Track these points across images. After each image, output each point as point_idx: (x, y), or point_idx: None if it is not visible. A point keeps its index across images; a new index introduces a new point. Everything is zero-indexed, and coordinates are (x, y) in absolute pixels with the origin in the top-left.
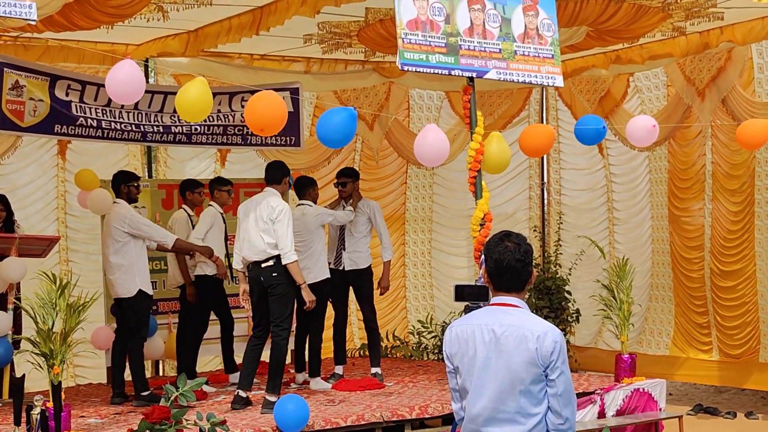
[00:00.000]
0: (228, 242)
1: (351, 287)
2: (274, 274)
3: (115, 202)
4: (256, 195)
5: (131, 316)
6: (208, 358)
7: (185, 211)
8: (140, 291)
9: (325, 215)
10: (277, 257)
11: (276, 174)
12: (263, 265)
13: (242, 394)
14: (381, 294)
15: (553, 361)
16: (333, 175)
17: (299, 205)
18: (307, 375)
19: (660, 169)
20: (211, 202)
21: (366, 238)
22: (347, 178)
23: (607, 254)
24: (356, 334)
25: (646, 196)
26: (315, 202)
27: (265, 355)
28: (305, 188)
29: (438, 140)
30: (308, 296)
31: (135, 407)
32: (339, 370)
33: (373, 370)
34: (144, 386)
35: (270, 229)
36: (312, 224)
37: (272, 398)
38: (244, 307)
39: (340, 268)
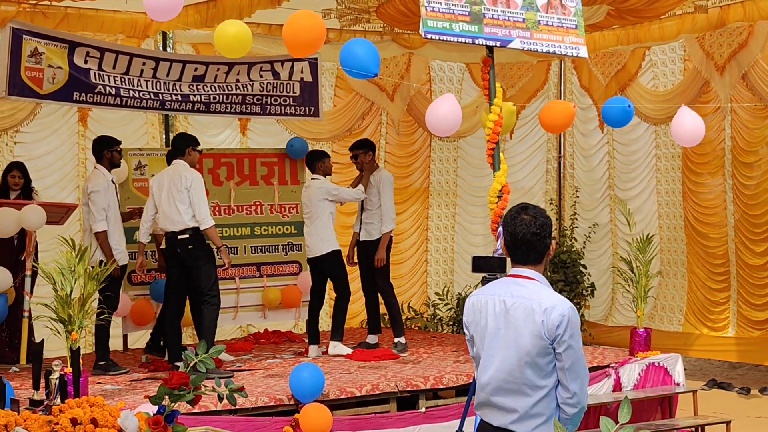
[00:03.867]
0: None
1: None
2: (189, 246)
3: (95, 168)
4: (166, 168)
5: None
6: (222, 327)
7: None
8: (101, 261)
9: (328, 190)
10: (193, 229)
11: (179, 145)
12: (179, 237)
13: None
14: (376, 266)
15: (560, 335)
16: (349, 143)
17: (312, 179)
18: (321, 347)
19: (671, 144)
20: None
21: (379, 210)
22: (357, 149)
23: (610, 232)
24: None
25: (651, 170)
26: (327, 175)
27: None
28: (314, 162)
29: (451, 110)
30: (226, 258)
31: (104, 374)
32: (372, 339)
33: (395, 339)
34: (102, 356)
35: (185, 198)
36: (314, 197)
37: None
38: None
39: (359, 239)
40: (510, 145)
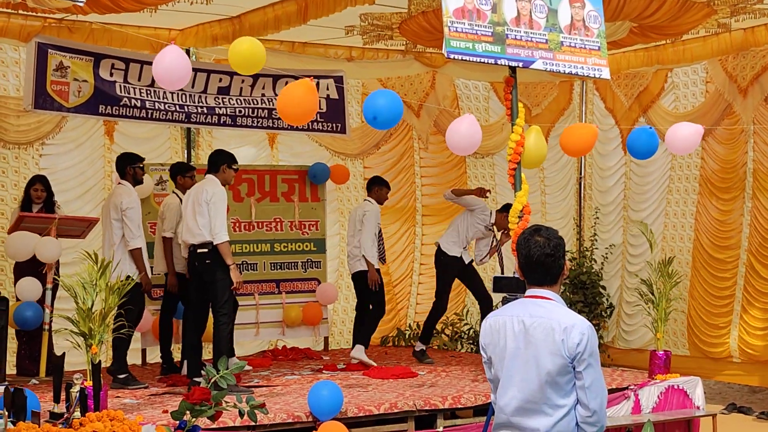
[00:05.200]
0: None
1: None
2: (207, 261)
3: (120, 184)
4: (198, 183)
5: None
6: (245, 342)
7: (177, 196)
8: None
9: (368, 221)
10: (213, 244)
11: (214, 162)
12: (198, 251)
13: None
14: None
15: (579, 353)
16: (382, 160)
17: (364, 200)
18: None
19: (688, 166)
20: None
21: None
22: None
23: (621, 253)
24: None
25: (664, 192)
26: (379, 203)
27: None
28: (371, 186)
29: (471, 130)
30: (236, 277)
31: (123, 388)
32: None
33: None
34: (121, 369)
35: (204, 212)
36: (356, 218)
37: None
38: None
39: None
40: (547, 165)
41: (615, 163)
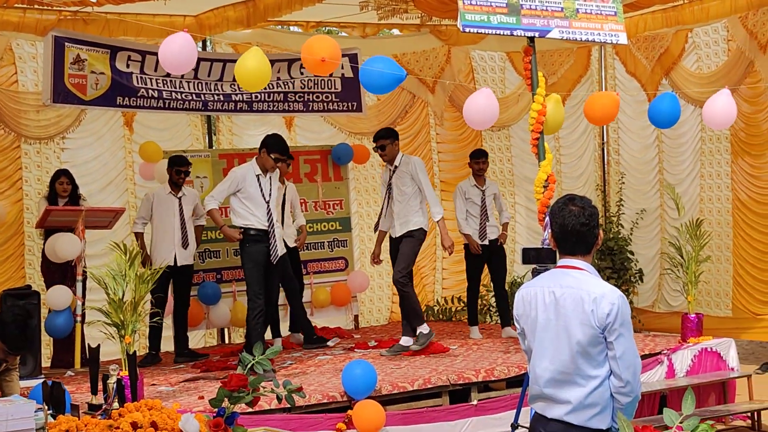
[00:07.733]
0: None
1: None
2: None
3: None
4: None
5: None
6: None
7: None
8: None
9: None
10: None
11: (260, 144)
12: None
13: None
14: (449, 254)
15: (610, 323)
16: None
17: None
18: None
19: None
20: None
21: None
22: (384, 140)
23: (659, 217)
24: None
25: (696, 154)
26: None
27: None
28: None
29: (488, 104)
30: (229, 235)
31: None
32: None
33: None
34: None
35: None
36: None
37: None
38: None
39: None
40: (564, 134)
41: (647, 125)
